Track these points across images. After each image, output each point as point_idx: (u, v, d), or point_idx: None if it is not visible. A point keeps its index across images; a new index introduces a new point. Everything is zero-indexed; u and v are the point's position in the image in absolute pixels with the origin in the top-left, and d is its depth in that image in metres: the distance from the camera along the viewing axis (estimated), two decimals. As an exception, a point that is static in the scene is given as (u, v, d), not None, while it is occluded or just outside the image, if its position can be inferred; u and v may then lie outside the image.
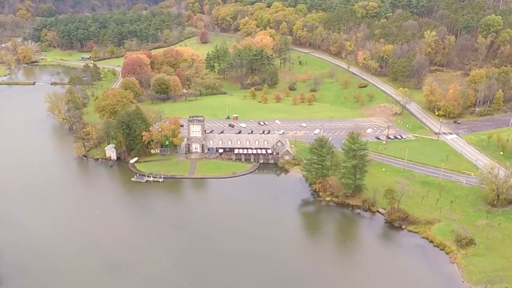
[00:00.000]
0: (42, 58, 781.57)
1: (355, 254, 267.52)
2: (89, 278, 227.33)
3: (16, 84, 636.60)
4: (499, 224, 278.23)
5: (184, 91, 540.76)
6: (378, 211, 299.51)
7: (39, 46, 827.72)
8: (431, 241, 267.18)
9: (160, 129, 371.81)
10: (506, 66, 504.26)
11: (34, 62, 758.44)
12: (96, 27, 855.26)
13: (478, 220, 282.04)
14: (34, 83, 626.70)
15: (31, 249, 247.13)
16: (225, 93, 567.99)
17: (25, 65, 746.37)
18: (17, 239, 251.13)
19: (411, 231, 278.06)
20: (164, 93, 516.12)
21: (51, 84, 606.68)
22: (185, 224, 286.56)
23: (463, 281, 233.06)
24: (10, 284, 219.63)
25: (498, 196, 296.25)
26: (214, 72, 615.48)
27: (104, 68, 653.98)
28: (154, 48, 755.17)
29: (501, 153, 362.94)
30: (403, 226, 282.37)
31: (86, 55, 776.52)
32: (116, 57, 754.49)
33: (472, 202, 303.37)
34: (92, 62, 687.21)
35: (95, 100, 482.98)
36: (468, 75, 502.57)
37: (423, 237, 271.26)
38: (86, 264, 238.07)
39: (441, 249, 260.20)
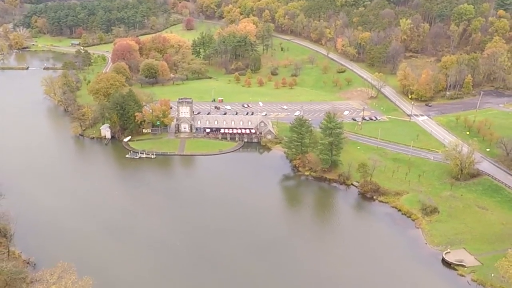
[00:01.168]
0: (33, 44, 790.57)
1: (331, 221, 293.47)
2: (92, 239, 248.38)
3: (10, 69, 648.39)
4: (461, 195, 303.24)
5: (172, 75, 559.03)
6: (352, 184, 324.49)
7: (30, 33, 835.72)
8: (399, 210, 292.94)
9: (151, 110, 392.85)
10: (475, 52, 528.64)
11: (25, 48, 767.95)
12: (85, 14, 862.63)
13: (443, 192, 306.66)
14: (27, 68, 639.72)
15: (40, 215, 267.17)
16: (210, 77, 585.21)
17: (17, 51, 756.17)
18: (28, 207, 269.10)
19: (381, 201, 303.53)
20: (152, 78, 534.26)
21: (43, 69, 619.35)
22: (176, 194, 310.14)
23: (426, 243, 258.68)
24: (24, 243, 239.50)
25: (461, 170, 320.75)
26: (200, 57, 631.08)
27: (94, 54, 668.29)
28: (141, 35, 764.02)
29: (467, 133, 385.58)
30: (374, 197, 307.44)
31: (76, 41, 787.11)
32: (104, 43, 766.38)
33: (438, 176, 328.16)
34: (82, 48, 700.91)
35: (87, 84, 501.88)
36: (441, 61, 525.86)
37: (392, 207, 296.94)
38: (89, 228, 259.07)
39: (408, 217, 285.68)
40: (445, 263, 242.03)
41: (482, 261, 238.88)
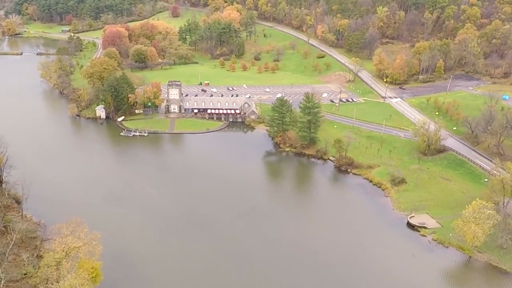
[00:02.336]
0: (25, 31, 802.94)
1: (310, 191, 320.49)
2: (94, 205, 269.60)
3: (5, 54, 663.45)
4: (428, 168, 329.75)
5: (160, 60, 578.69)
6: (329, 159, 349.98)
7: (21, 19, 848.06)
8: (371, 181, 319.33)
9: (143, 92, 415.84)
10: (447, 39, 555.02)
11: (17, 34, 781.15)
12: (74, 2, 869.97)
13: (411, 165, 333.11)
14: (21, 54, 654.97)
15: (45, 185, 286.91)
16: (196, 62, 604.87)
17: (9, 37, 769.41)
18: (34, 178, 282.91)
19: (355, 174, 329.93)
20: (142, 62, 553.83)
21: (37, 54, 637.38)
22: (168, 167, 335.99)
23: (393, 209, 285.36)
24: (34, 208, 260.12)
25: (428, 146, 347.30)
26: (186, 43, 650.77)
27: (84, 40, 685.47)
28: (129, 22, 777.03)
29: (437, 113, 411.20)
30: (349, 170, 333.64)
31: (66, 28, 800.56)
32: (93, 30, 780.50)
33: (407, 152, 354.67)
34: (72, 34, 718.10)
35: (80, 69, 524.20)
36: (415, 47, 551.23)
37: (365, 178, 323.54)
38: (91, 196, 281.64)
39: (378, 187, 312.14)
40: (410, 225, 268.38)
41: (442, 223, 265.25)
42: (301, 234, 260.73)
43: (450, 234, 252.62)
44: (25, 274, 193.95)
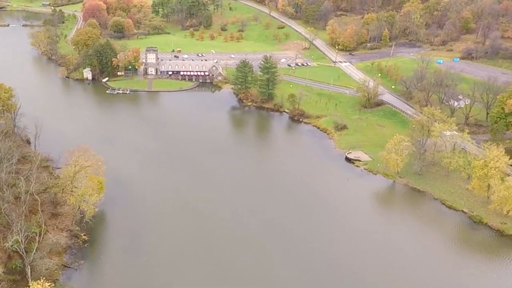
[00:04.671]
0: (8, 4, 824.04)
1: (268, 136, 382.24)
2: (93, 145, 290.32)
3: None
4: (366, 118, 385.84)
5: (136, 31, 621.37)
6: (284, 111, 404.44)
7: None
8: (318, 128, 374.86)
9: (125, 56, 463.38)
10: (393, 11, 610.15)
11: (1, 8, 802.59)
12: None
13: (353, 116, 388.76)
14: (8, 25, 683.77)
15: (48, 132, 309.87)
16: (168, 33, 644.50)
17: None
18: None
19: (306, 122, 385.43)
20: (120, 33, 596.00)
21: (22, 26, 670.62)
22: (148, 117, 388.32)
23: (335, 148, 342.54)
24: (41, 148, 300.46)
25: (368, 100, 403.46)
26: (159, 16, 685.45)
27: (65, 13, 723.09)
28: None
29: (379, 74, 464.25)
30: (301, 120, 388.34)
31: (46, 2, 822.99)
32: (72, 4, 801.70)
33: (351, 105, 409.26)
34: (53, 7, 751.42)
35: (64, 38, 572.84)
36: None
37: (313, 126, 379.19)
38: (86, 139, 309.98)
39: (324, 132, 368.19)
40: (347, 159, 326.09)
41: (374, 158, 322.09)
42: (261, 165, 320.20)
43: (378, 164, 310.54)
44: (46, 188, 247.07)
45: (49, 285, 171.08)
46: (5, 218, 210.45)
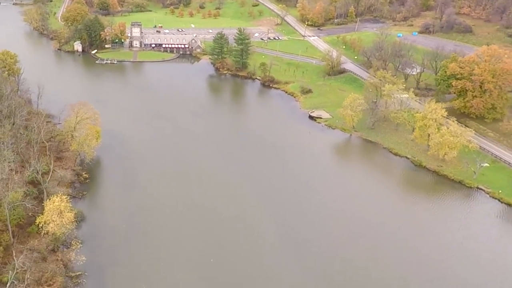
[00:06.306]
0: None
1: (242, 99, 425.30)
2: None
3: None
4: (330, 83, 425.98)
5: (120, 8, 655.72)
6: (256, 78, 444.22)
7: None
8: (286, 92, 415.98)
9: (112, 30, 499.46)
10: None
11: None
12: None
13: (317, 82, 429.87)
14: None
15: (46, 95, 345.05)
16: (150, 10, 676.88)
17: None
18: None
19: (275, 88, 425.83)
20: (105, 10, 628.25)
21: (13, 4, 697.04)
22: (134, 83, 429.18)
23: (300, 108, 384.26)
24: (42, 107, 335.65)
25: (332, 68, 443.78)
26: None
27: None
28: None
29: (343, 47, 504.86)
30: (271, 85, 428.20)
31: None
32: None
33: (316, 73, 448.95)
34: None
35: (54, 15, 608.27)
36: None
37: (282, 90, 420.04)
38: (85, 99, 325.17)
39: (291, 95, 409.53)
40: (310, 117, 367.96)
41: (333, 115, 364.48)
42: (236, 123, 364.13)
43: (337, 121, 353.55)
44: (51, 136, 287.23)
45: (65, 198, 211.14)
46: (21, 157, 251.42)
